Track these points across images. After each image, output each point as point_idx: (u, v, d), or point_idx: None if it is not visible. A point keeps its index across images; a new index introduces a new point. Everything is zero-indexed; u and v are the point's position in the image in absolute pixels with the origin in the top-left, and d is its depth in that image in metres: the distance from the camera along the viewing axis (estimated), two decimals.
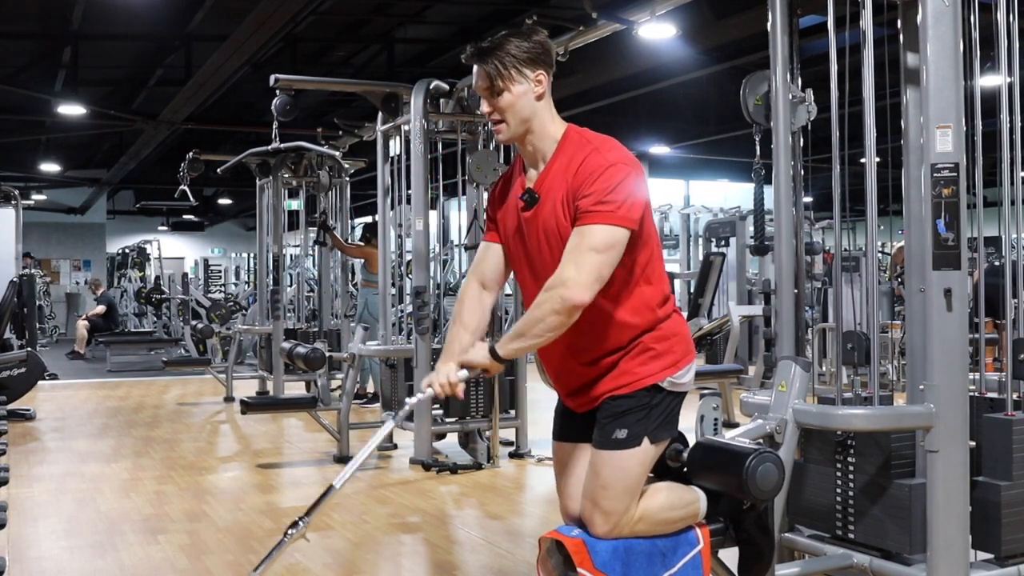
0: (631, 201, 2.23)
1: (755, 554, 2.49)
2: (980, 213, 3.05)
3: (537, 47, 2.34)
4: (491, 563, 3.88)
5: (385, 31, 10.69)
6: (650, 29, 6.26)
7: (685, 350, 2.42)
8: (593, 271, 2.19)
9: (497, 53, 2.31)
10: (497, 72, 2.30)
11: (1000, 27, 2.93)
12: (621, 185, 2.23)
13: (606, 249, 2.20)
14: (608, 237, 2.21)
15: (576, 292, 2.17)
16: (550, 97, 2.40)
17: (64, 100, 11.39)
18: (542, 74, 2.35)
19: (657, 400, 2.35)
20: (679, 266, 13.61)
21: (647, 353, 2.36)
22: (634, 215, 2.24)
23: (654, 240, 2.38)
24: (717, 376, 7.35)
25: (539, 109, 2.36)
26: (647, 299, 2.35)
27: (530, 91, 2.34)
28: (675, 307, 2.45)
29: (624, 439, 2.31)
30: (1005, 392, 2.90)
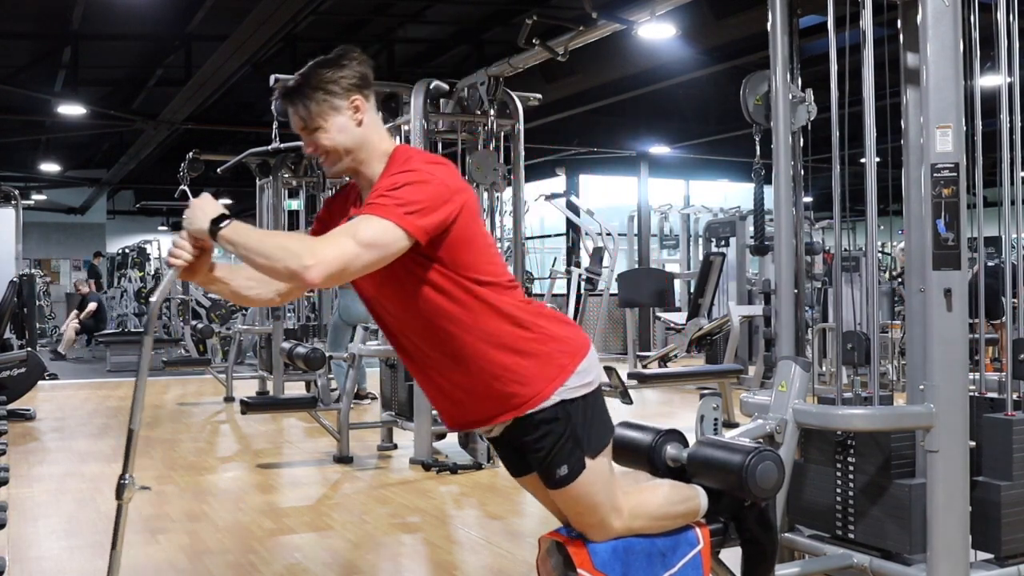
0: (418, 206, 2.03)
1: (758, 553, 2.49)
2: (980, 213, 3.05)
3: (347, 73, 2.17)
4: (491, 563, 3.88)
5: (385, 31, 10.70)
6: (650, 29, 6.27)
7: (568, 351, 2.24)
8: (343, 261, 1.97)
9: (304, 91, 2.16)
10: (308, 111, 2.16)
11: (1000, 27, 2.93)
12: (410, 187, 2.05)
13: (369, 244, 1.99)
14: (376, 232, 2.00)
15: (314, 272, 1.95)
16: (374, 117, 2.23)
17: (64, 100, 11.39)
18: (358, 99, 2.18)
19: (572, 418, 2.21)
20: (679, 266, 13.63)
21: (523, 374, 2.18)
22: (417, 220, 2.02)
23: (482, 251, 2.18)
24: (717, 376, 7.35)
25: (363, 135, 2.19)
26: (496, 315, 2.17)
27: (349, 120, 2.17)
28: (539, 310, 2.27)
29: (568, 474, 2.21)
30: (1005, 392, 2.90)
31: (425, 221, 2.04)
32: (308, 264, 1.95)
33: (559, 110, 11.08)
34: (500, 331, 2.18)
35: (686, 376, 7.99)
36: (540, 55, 6.11)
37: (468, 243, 2.14)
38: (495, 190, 6.23)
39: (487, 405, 2.23)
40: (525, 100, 6.42)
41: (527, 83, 7.66)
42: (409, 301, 2.17)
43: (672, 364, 10.37)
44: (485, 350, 2.17)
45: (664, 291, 10.64)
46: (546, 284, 13.74)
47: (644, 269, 12.80)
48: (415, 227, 2.03)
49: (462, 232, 2.12)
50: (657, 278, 11.00)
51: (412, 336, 2.24)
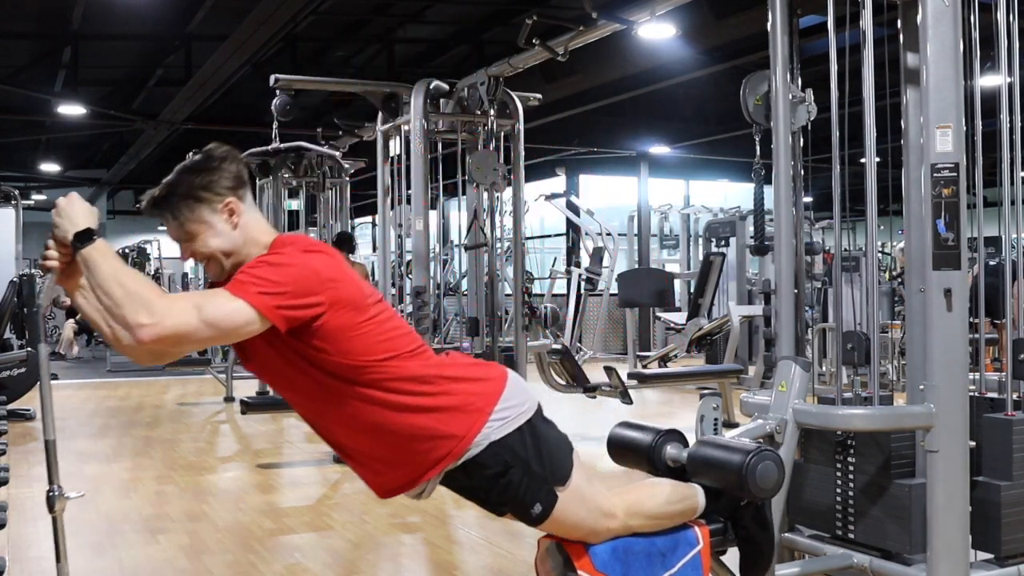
0: (277, 288, 1.90)
1: (755, 552, 2.48)
2: (980, 213, 3.05)
3: (217, 176, 2.05)
4: (491, 563, 3.88)
5: (385, 31, 10.70)
6: (650, 29, 6.27)
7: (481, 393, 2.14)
8: (180, 333, 1.84)
9: (172, 200, 2.05)
10: (181, 221, 2.05)
11: (1000, 27, 2.93)
12: (272, 268, 1.93)
13: (211, 322, 1.86)
14: (224, 312, 1.87)
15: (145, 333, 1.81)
16: (252, 214, 2.09)
17: (64, 100, 11.40)
18: (231, 201, 2.04)
19: (521, 456, 2.13)
20: (679, 266, 13.63)
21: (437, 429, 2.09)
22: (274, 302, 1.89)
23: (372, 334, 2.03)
24: (717, 376, 7.36)
25: (241, 237, 2.06)
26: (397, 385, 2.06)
27: (225, 225, 2.05)
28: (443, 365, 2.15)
29: (543, 511, 2.16)
30: (1005, 392, 2.90)
31: (282, 303, 1.91)
32: (144, 322, 1.81)
33: (559, 110, 11.08)
34: (403, 400, 2.07)
35: (686, 376, 8.00)
36: (540, 55, 6.11)
37: (351, 330, 2.00)
38: (495, 190, 6.23)
39: (409, 468, 2.14)
40: (525, 100, 6.42)
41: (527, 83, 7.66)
42: (306, 389, 2.09)
43: (672, 364, 10.38)
44: (392, 420, 2.08)
45: (664, 291, 10.64)
46: (546, 284, 13.73)
47: (644, 269, 12.80)
48: (269, 309, 1.90)
49: (342, 322, 1.99)
50: (657, 278, 11.00)
51: (316, 418, 2.17)
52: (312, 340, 1.98)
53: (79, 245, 1.91)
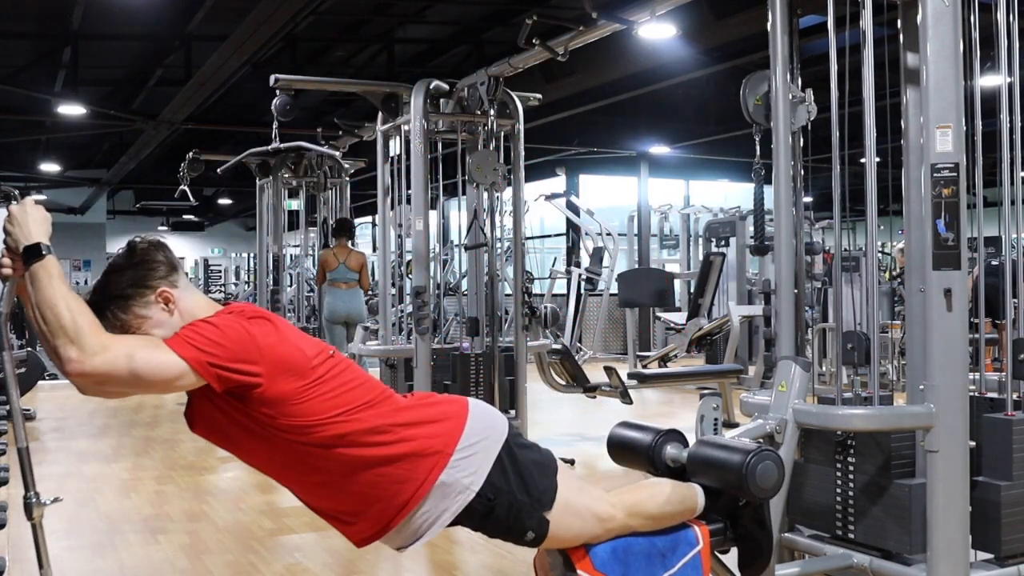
0: (213, 347, 1.91)
1: (754, 550, 2.48)
2: (980, 213, 3.05)
3: (144, 270, 2.05)
4: (491, 563, 3.88)
5: (385, 31, 10.69)
6: (650, 29, 6.26)
7: (440, 434, 2.11)
8: (107, 370, 1.84)
9: (105, 304, 2.03)
10: (116, 322, 2.03)
11: (1000, 27, 2.93)
12: (211, 328, 1.94)
13: (140, 372, 1.87)
14: (155, 364, 1.88)
15: (73, 367, 1.82)
16: (187, 294, 2.09)
17: (64, 100, 11.39)
18: (164, 290, 2.05)
19: (506, 489, 2.12)
20: (679, 266, 13.63)
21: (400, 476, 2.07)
22: (205, 359, 1.90)
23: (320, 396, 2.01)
24: (717, 376, 7.36)
25: (180, 320, 2.05)
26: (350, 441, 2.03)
27: (161, 314, 2.04)
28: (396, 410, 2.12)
29: (536, 536, 2.16)
30: (1005, 392, 2.90)
31: (216, 362, 1.91)
32: (73, 358, 1.82)
33: (559, 110, 11.07)
34: (358, 453, 2.05)
35: (686, 376, 8.00)
36: (540, 55, 6.10)
37: (295, 396, 1.99)
38: (495, 190, 6.23)
39: (375, 518, 2.13)
40: (525, 100, 6.42)
41: (527, 83, 7.65)
42: (257, 451, 2.09)
43: (672, 364, 10.38)
44: (349, 475, 2.07)
45: (664, 291, 10.64)
46: (546, 284, 13.74)
47: (644, 269, 12.80)
48: (202, 365, 1.90)
49: (285, 389, 1.98)
50: (657, 278, 11.01)
51: (276, 477, 2.17)
52: (258, 407, 1.98)
53: (28, 260, 1.90)
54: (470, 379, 5.87)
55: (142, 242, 2.12)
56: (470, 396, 5.95)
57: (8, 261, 1.96)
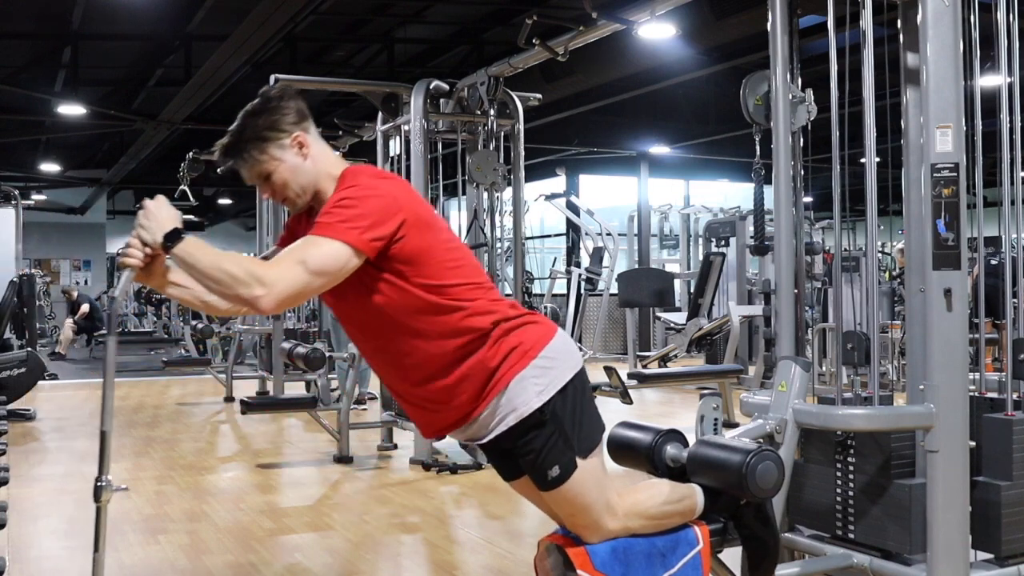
0: (365, 221, 2.02)
1: (761, 549, 2.48)
2: (980, 213, 3.05)
3: (280, 113, 2.17)
4: (491, 563, 3.88)
5: (385, 31, 10.69)
6: (650, 29, 6.27)
7: (535, 338, 2.22)
8: (294, 288, 1.98)
9: (242, 145, 2.17)
10: (253, 163, 2.17)
11: (1000, 27, 2.93)
12: (358, 202, 2.05)
13: (317, 270, 1.99)
14: (325, 256, 2.00)
15: (266, 301, 1.96)
16: (320, 146, 2.22)
17: (64, 100, 11.39)
18: (300, 135, 2.18)
19: (560, 417, 2.20)
20: (679, 266, 13.63)
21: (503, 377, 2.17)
22: (365, 235, 2.02)
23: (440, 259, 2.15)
24: (717, 376, 7.36)
25: (314, 169, 2.19)
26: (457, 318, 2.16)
27: (296, 159, 2.17)
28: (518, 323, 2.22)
29: (559, 475, 2.20)
30: (1005, 392, 2.90)
31: (371, 235, 2.03)
32: (259, 294, 1.95)
33: (559, 110, 11.07)
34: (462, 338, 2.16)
35: (686, 376, 8.00)
36: (540, 55, 6.11)
37: (422, 253, 2.12)
38: (495, 190, 6.23)
39: (457, 410, 2.22)
40: (525, 100, 6.43)
41: (527, 83, 7.66)
42: (371, 314, 2.16)
43: (672, 364, 10.37)
44: (447, 357, 2.16)
45: (664, 291, 10.64)
46: (546, 284, 13.73)
47: (644, 269, 12.80)
48: (362, 242, 2.02)
49: (414, 242, 2.10)
50: (657, 278, 11.00)
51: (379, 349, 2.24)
52: (394, 265, 2.10)
53: (170, 244, 2.02)
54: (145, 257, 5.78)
55: (275, 89, 2.23)
56: None
57: (137, 252, 2.06)
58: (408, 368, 2.22)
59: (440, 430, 2.31)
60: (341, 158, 2.27)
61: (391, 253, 2.08)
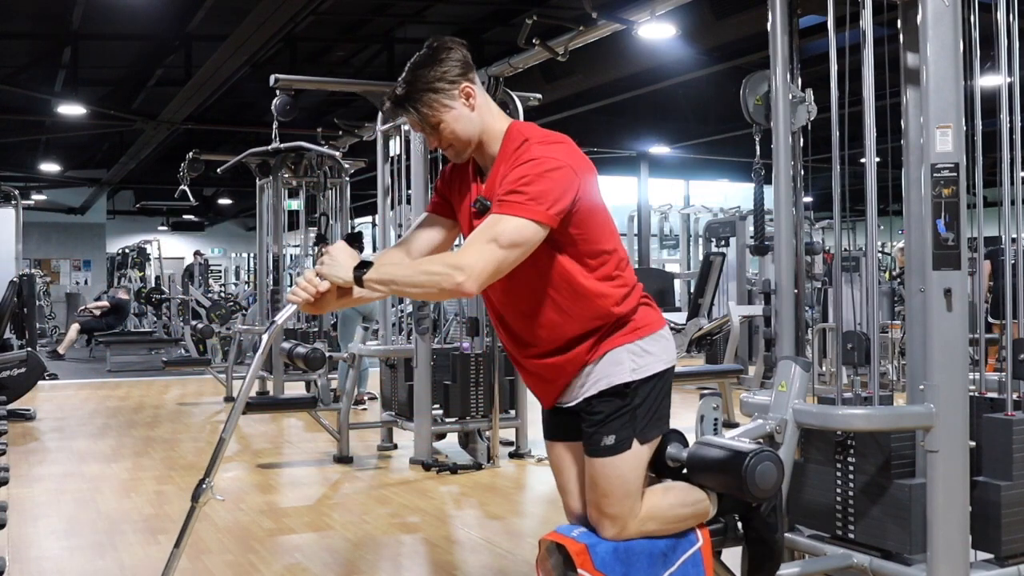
0: (550, 197, 2.12)
1: (765, 552, 2.48)
2: (980, 213, 3.04)
3: (448, 64, 2.22)
4: (491, 563, 3.88)
5: (385, 31, 10.69)
6: (650, 29, 6.26)
7: (647, 321, 2.34)
8: (491, 265, 2.09)
9: (413, 95, 2.23)
10: (424, 113, 2.23)
11: (1000, 27, 2.93)
12: (540, 178, 2.12)
13: (509, 244, 2.09)
14: (514, 231, 2.09)
15: (469, 284, 2.07)
16: (485, 98, 2.30)
17: (64, 100, 11.39)
18: (468, 86, 2.24)
19: (639, 399, 2.30)
20: (679, 266, 13.63)
21: (607, 344, 2.29)
22: (550, 211, 2.12)
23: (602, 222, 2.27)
24: (717, 376, 7.36)
25: (481, 120, 2.27)
26: (600, 297, 2.27)
27: (463, 109, 2.24)
28: (639, 301, 2.35)
29: (613, 444, 2.27)
30: (1005, 392, 2.90)
31: (556, 209, 2.13)
32: (460, 280, 2.07)
33: (559, 110, 11.07)
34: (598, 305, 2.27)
35: (686, 376, 7.98)
36: (540, 55, 6.10)
37: (590, 216, 2.22)
38: None
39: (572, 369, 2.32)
40: (525, 100, 6.42)
41: (527, 83, 7.65)
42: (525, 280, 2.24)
43: None
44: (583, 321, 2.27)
45: (664, 291, 10.64)
46: None
47: (644, 269, 12.80)
48: (549, 217, 2.12)
49: (585, 206, 2.20)
50: (657, 278, 11.00)
51: (520, 314, 2.32)
52: (566, 229, 2.19)
53: (361, 274, 2.17)
54: (470, 379, 5.87)
55: (443, 41, 2.26)
56: (471, 396, 5.97)
57: (311, 289, 2.23)
58: (543, 336, 2.30)
59: (554, 398, 2.39)
60: (503, 113, 2.34)
61: (567, 217, 2.17)
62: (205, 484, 2.25)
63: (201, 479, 2.24)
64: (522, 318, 2.32)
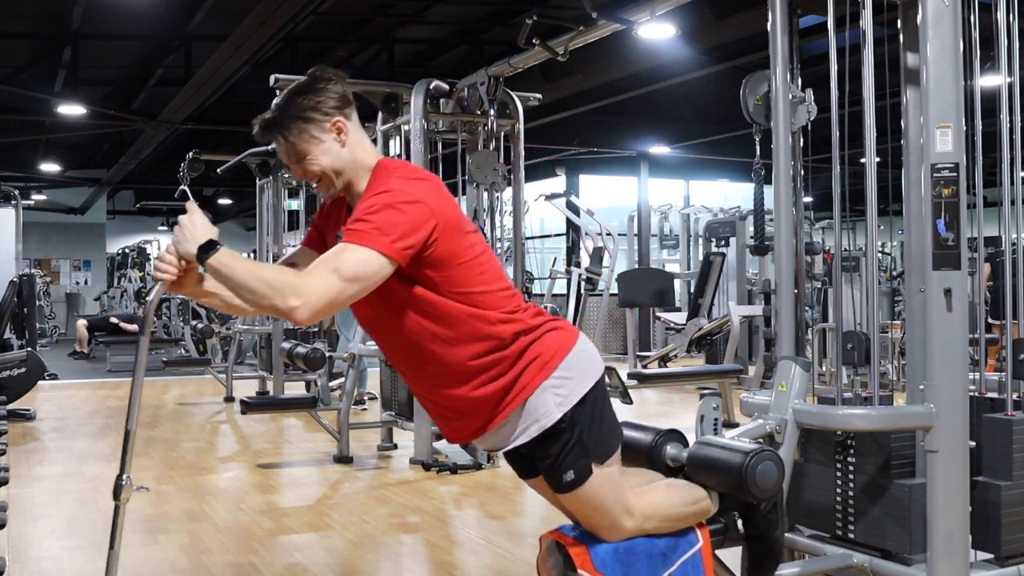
0: (397, 229, 2.00)
1: (765, 551, 2.48)
2: (980, 213, 3.04)
3: (324, 95, 2.16)
4: (491, 563, 3.88)
5: (385, 31, 10.70)
6: (650, 29, 6.27)
7: (556, 347, 2.21)
8: (328, 296, 1.96)
9: (283, 122, 2.16)
10: (291, 142, 2.16)
11: (1000, 27, 2.93)
12: (390, 208, 2.02)
13: (351, 277, 1.97)
14: (358, 264, 1.98)
15: (301, 312, 1.95)
16: (358, 134, 2.21)
17: (64, 100, 11.39)
18: (339, 120, 2.17)
19: (580, 427, 2.20)
20: (679, 266, 13.63)
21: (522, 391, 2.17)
22: (396, 243, 2.00)
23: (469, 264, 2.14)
24: (717, 376, 7.35)
25: (350, 156, 2.18)
26: (480, 326, 2.15)
27: (334, 143, 2.16)
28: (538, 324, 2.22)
29: (574, 479, 2.21)
30: (1005, 392, 2.90)
31: (404, 243, 2.02)
32: (294, 305, 1.94)
33: (559, 110, 11.07)
34: (481, 347, 2.16)
35: (686, 376, 8.00)
36: (540, 55, 6.10)
37: (450, 258, 2.11)
38: (495, 190, 6.23)
39: (478, 419, 2.23)
40: (525, 100, 6.42)
41: (527, 83, 7.65)
42: (394, 320, 2.17)
43: (672, 364, 10.37)
44: (469, 364, 2.17)
45: (664, 291, 10.63)
46: (546, 284, 13.73)
47: (644, 269, 12.80)
48: (394, 251, 2.01)
49: (443, 248, 2.09)
50: (657, 278, 11.00)
51: (402, 355, 2.25)
52: (422, 271, 2.10)
53: (205, 255, 2.02)
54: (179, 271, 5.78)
55: (324, 72, 2.21)
56: None
57: (171, 266, 2.08)
58: (431, 375, 2.23)
59: (463, 437, 2.33)
60: (375, 149, 2.27)
61: (421, 259, 2.08)
62: (123, 480, 2.16)
63: (118, 475, 2.14)
64: (404, 356, 2.24)
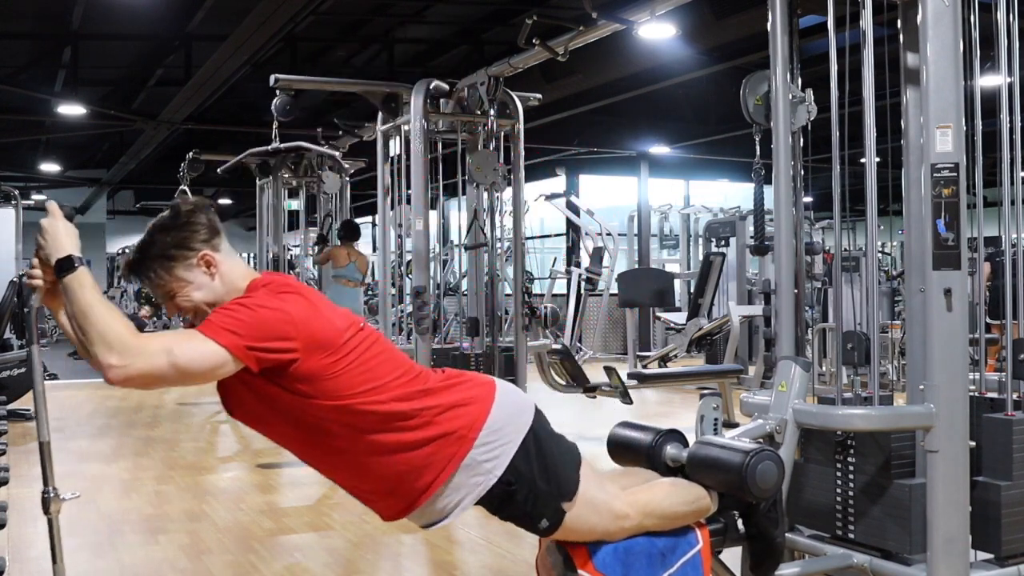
0: (251, 332, 1.90)
1: (766, 549, 2.48)
2: (980, 213, 3.05)
3: (189, 231, 2.07)
4: (491, 563, 3.88)
5: (385, 31, 10.70)
6: (650, 29, 6.27)
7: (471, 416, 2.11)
8: (151, 374, 1.84)
9: (148, 264, 2.06)
10: (159, 281, 2.06)
11: (1000, 27, 2.93)
12: (246, 309, 1.94)
13: (182, 367, 1.85)
14: (195, 355, 1.87)
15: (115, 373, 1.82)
16: (229, 260, 2.11)
17: (64, 100, 11.39)
18: (206, 253, 2.06)
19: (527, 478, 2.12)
20: (679, 266, 13.63)
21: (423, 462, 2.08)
22: (245, 342, 1.89)
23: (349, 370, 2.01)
24: (717, 376, 7.35)
25: (221, 285, 2.07)
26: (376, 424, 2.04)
27: (203, 278, 2.06)
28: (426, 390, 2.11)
29: (549, 525, 2.16)
30: (1005, 392, 2.90)
31: (254, 344, 1.91)
32: (112, 363, 1.82)
33: (559, 110, 11.07)
34: (384, 439, 2.06)
35: (686, 376, 7.99)
36: (540, 55, 6.11)
37: (321, 372, 1.99)
38: (495, 190, 6.23)
39: (403, 497, 2.14)
40: (525, 100, 6.43)
41: (527, 83, 7.65)
42: (289, 433, 2.11)
43: (672, 364, 10.38)
44: (376, 460, 2.08)
45: (664, 291, 10.64)
46: (546, 284, 13.74)
47: (644, 269, 12.80)
48: (240, 349, 1.90)
49: (310, 365, 1.98)
50: (657, 278, 11.00)
51: (306, 459, 2.18)
52: (292, 383, 1.98)
53: (60, 273, 1.91)
54: None
55: (186, 204, 2.13)
56: None
57: (39, 272, 2.00)
58: (338, 469, 2.16)
59: (393, 516, 2.22)
60: (251, 270, 2.15)
61: (288, 372, 1.97)
62: (49, 493, 2.08)
63: (43, 490, 2.07)
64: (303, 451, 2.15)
